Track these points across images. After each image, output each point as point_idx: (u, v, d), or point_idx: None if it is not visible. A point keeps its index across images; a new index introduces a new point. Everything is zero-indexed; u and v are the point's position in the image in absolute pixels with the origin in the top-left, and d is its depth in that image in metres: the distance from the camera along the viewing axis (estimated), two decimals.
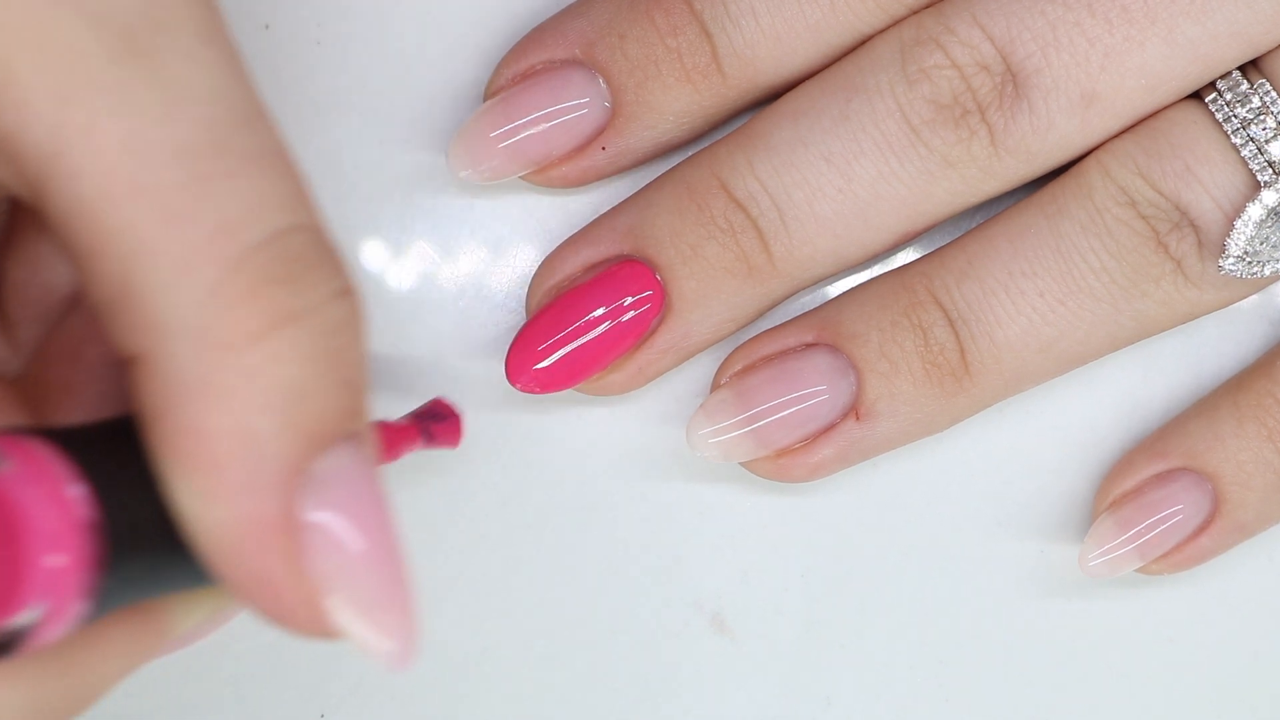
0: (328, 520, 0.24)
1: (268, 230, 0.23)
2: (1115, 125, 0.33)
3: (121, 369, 0.24)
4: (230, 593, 0.25)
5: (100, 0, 0.23)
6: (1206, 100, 0.33)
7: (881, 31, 0.33)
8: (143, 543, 0.24)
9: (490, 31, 0.35)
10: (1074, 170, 0.33)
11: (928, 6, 0.33)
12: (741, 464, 0.34)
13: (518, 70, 0.33)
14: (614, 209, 0.34)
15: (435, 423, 0.32)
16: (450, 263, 0.35)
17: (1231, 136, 0.32)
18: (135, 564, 0.24)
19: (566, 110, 0.33)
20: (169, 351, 0.23)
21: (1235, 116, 0.32)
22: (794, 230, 0.33)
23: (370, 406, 0.25)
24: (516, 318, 0.36)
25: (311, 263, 0.24)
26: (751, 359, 0.34)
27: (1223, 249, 0.32)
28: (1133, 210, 0.33)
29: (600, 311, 0.33)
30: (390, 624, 0.24)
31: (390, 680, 0.36)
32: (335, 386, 0.24)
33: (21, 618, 0.24)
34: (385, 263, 0.35)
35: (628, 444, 0.35)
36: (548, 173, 0.34)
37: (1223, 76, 0.33)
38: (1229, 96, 0.32)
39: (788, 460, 0.34)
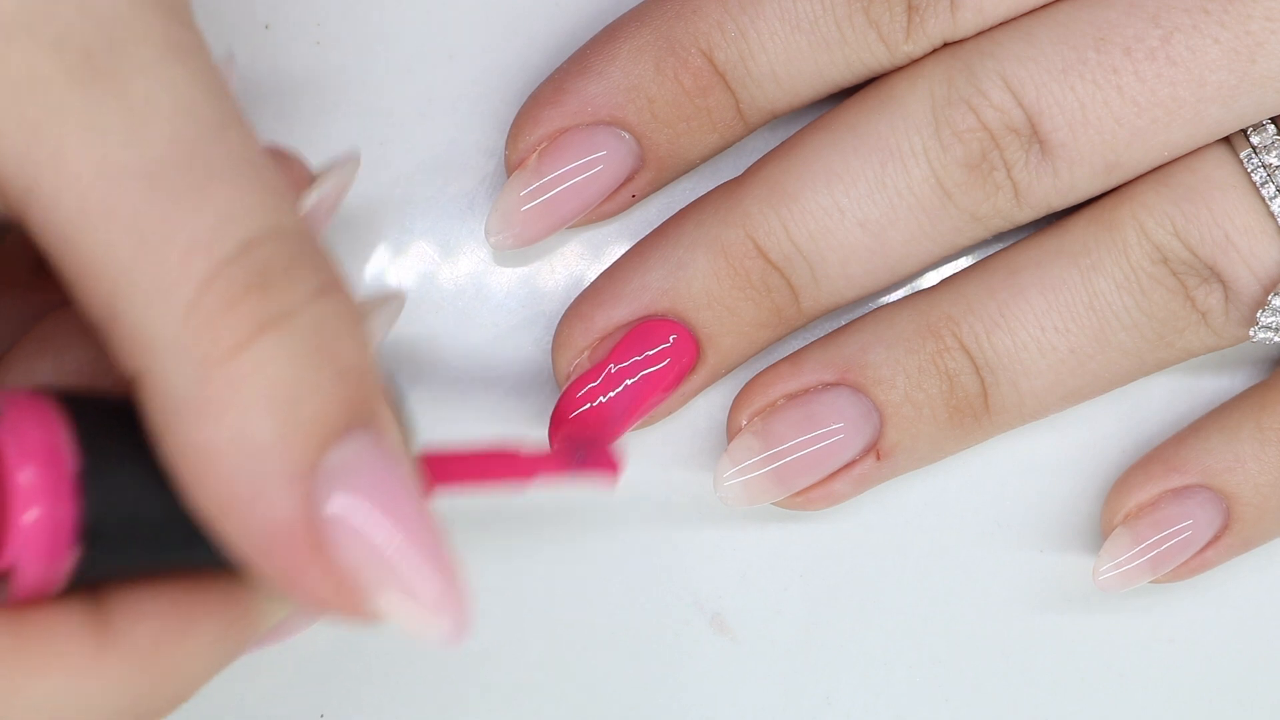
0: (348, 511, 0.24)
1: (239, 240, 0.23)
2: (1136, 176, 0.33)
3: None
4: (271, 589, 0.25)
5: (56, 25, 0.23)
6: (1241, 156, 0.33)
7: (905, 70, 0.33)
8: (139, 505, 0.24)
9: (490, 32, 0.35)
10: (1107, 222, 0.33)
11: (945, 44, 0.33)
12: None
13: (543, 134, 0.33)
14: (641, 262, 0.34)
15: (587, 452, 0.31)
16: (450, 263, 0.35)
17: (1269, 203, 0.33)
18: (131, 525, 0.24)
19: (596, 165, 0.33)
20: (160, 370, 0.23)
21: (1272, 181, 0.32)
22: (824, 285, 0.33)
23: (382, 392, 0.25)
24: (516, 318, 0.36)
25: (287, 265, 0.24)
26: (771, 396, 0.34)
27: (1254, 319, 0.33)
28: (1166, 268, 0.33)
29: (637, 372, 0.33)
30: (434, 603, 0.24)
31: (390, 680, 0.36)
32: (332, 380, 0.24)
33: (5, 567, 0.24)
34: (385, 262, 0.35)
35: (627, 444, 0.35)
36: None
37: (1255, 127, 0.33)
38: (1264, 156, 0.33)
39: (803, 495, 0.34)
